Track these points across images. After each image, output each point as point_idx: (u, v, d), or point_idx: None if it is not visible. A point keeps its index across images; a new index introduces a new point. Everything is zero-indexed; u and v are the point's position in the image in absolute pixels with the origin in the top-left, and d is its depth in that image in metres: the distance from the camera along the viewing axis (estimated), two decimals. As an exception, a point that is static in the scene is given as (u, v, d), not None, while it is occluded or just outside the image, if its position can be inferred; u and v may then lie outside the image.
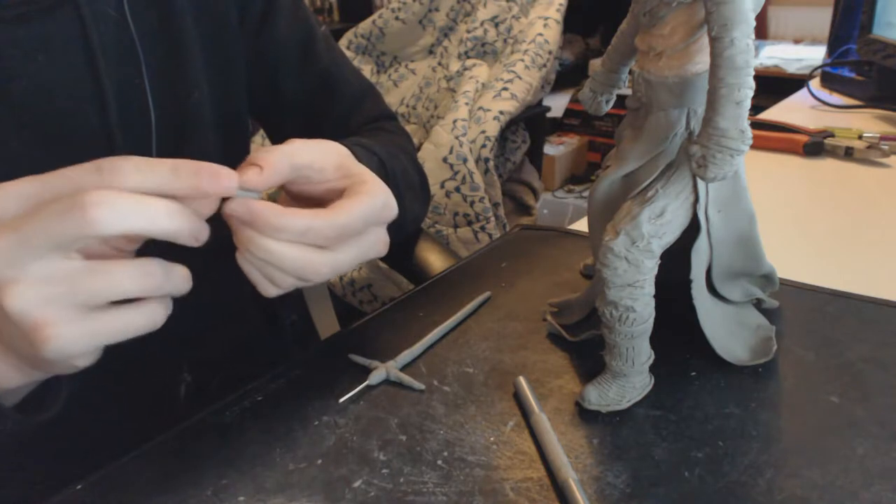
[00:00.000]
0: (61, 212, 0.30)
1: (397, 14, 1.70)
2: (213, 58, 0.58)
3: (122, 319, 0.33)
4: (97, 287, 0.31)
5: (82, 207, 0.29)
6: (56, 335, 0.31)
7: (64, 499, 0.37)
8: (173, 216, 0.32)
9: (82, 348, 0.32)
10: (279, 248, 0.36)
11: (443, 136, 1.39)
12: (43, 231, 0.30)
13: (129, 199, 0.31)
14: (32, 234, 0.30)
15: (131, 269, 0.32)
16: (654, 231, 0.37)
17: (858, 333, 0.45)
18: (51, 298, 0.31)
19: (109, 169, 0.31)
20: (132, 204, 0.31)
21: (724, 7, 0.32)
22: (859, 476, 0.34)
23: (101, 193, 0.30)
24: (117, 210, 0.30)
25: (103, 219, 0.30)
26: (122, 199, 0.30)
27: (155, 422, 0.43)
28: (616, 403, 0.40)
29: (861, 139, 0.87)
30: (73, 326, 0.31)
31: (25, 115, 0.47)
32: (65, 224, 0.30)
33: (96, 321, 0.32)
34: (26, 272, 0.30)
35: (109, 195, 0.30)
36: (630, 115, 0.42)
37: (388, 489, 0.36)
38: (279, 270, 0.37)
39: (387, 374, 0.44)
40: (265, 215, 0.35)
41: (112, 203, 0.30)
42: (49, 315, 0.31)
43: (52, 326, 0.31)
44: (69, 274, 0.31)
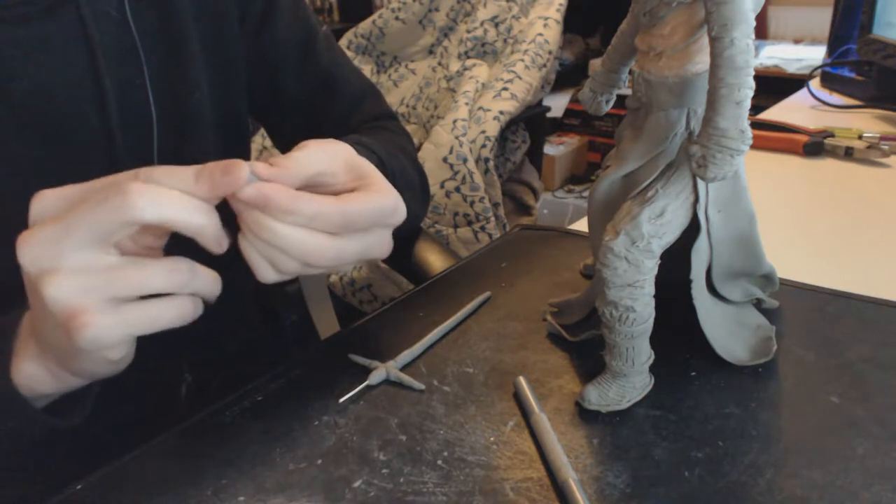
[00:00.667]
0: (104, 200, 0.32)
1: (397, 14, 1.70)
2: (214, 58, 0.58)
3: (152, 311, 0.35)
4: (131, 280, 0.33)
5: (125, 193, 0.32)
6: (91, 323, 0.32)
7: (64, 499, 0.37)
8: (205, 212, 0.34)
9: (116, 338, 0.34)
10: (287, 230, 0.36)
11: (443, 136, 1.39)
12: (86, 220, 0.32)
13: (168, 191, 0.33)
14: (76, 223, 0.32)
15: (162, 264, 0.34)
16: (654, 231, 0.37)
17: (858, 333, 0.45)
18: (88, 289, 0.32)
19: (146, 173, 0.33)
20: (171, 195, 0.33)
21: (724, 7, 0.32)
22: (859, 476, 0.34)
23: (142, 185, 0.32)
24: (157, 199, 0.32)
25: (144, 206, 0.32)
26: (162, 191, 0.33)
27: (155, 422, 0.43)
28: (616, 403, 0.40)
29: (861, 139, 0.87)
30: (108, 316, 0.33)
31: (26, 115, 0.47)
32: (108, 210, 0.32)
33: (129, 312, 0.34)
34: (67, 263, 0.32)
35: (149, 186, 0.32)
36: (630, 115, 0.42)
37: (388, 489, 0.36)
38: (284, 254, 0.37)
39: (387, 374, 0.44)
40: (277, 198, 0.35)
41: (152, 193, 0.32)
42: (85, 304, 0.32)
43: (88, 315, 0.32)
44: (106, 267, 0.33)
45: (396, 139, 0.69)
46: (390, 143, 0.65)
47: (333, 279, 1.46)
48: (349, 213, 0.38)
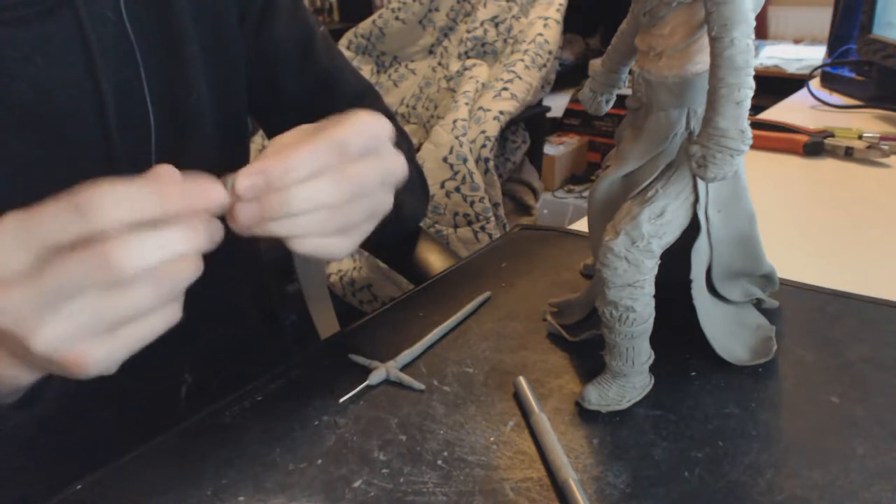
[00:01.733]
0: (87, 270, 0.30)
1: (397, 14, 1.70)
2: (213, 58, 0.58)
3: (145, 327, 0.33)
4: (121, 310, 0.32)
5: (110, 263, 0.30)
6: (92, 364, 0.32)
7: (64, 499, 0.37)
8: (189, 239, 0.32)
9: (115, 363, 0.33)
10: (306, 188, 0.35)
11: (443, 136, 1.39)
12: (67, 286, 0.30)
13: (148, 240, 0.31)
14: (55, 290, 0.30)
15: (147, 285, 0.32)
16: (654, 231, 0.37)
17: (858, 333, 0.45)
18: (79, 331, 0.31)
19: (89, 208, 0.30)
20: (152, 244, 0.31)
21: (724, 7, 0.32)
22: (859, 476, 0.34)
23: (121, 244, 0.30)
24: (142, 254, 0.31)
25: (132, 266, 0.30)
26: (142, 243, 0.31)
27: (156, 422, 0.43)
28: (616, 403, 0.40)
29: (861, 139, 0.87)
30: (104, 348, 0.32)
31: (25, 116, 0.47)
32: (95, 279, 0.30)
33: (123, 335, 0.33)
34: (51, 318, 0.31)
35: (129, 243, 0.30)
36: (630, 115, 0.42)
37: (388, 489, 0.36)
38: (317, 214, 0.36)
39: (387, 374, 0.44)
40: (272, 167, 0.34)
41: (135, 250, 0.30)
42: (81, 348, 0.31)
43: (87, 356, 0.31)
44: (91, 304, 0.31)
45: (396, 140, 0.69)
46: None
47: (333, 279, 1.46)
48: (336, 137, 0.36)
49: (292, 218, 0.36)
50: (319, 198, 0.36)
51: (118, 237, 0.30)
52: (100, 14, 0.49)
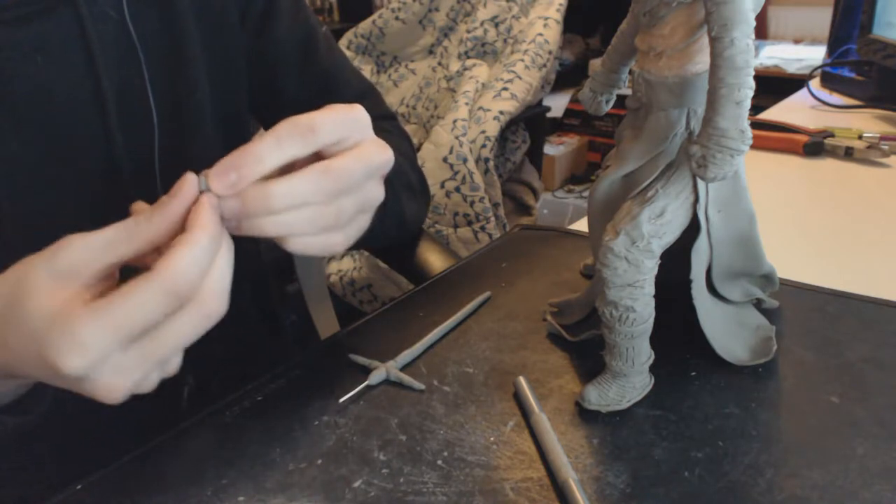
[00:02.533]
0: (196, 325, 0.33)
1: (397, 14, 1.70)
2: (214, 58, 0.58)
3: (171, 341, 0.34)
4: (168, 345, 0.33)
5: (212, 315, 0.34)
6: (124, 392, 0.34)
7: (64, 499, 0.37)
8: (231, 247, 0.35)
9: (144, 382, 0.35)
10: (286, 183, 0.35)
11: (443, 136, 1.39)
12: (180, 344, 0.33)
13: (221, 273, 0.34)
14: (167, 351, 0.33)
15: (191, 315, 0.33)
16: (654, 231, 0.37)
17: (858, 333, 0.45)
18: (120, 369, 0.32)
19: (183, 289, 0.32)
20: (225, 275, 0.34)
21: (724, 7, 0.32)
22: (859, 476, 0.34)
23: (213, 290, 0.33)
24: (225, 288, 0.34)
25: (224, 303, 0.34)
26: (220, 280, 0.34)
27: (157, 425, 0.42)
28: (616, 403, 0.40)
29: (861, 139, 0.87)
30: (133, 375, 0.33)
31: (25, 116, 0.47)
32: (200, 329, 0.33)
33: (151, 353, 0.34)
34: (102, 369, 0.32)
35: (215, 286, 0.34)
36: (630, 115, 0.42)
37: (388, 489, 0.36)
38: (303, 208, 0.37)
39: (387, 374, 0.44)
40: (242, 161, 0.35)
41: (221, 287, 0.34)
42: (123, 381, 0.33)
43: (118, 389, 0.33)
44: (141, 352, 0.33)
45: (394, 140, 0.69)
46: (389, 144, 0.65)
47: (333, 279, 1.46)
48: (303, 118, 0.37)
49: (278, 215, 0.36)
50: (300, 193, 0.36)
51: (208, 286, 0.33)
52: (100, 13, 0.49)
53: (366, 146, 0.39)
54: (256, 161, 0.35)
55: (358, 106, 0.40)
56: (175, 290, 0.31)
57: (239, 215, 0.35)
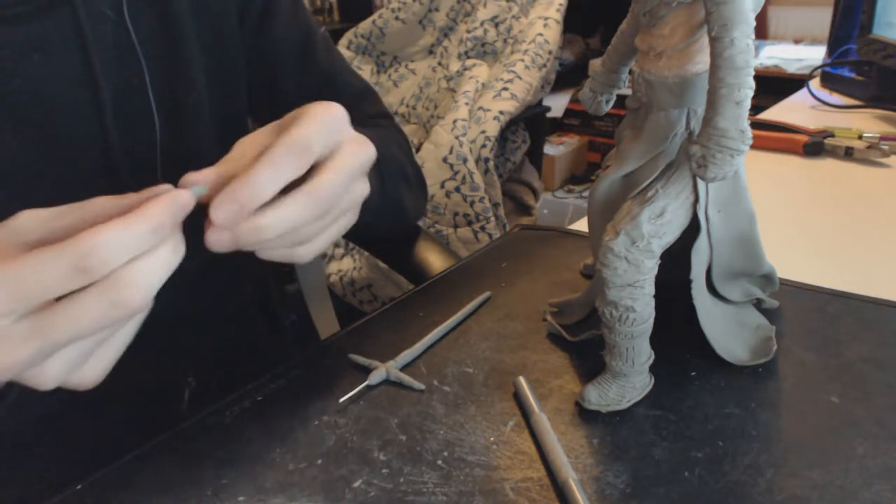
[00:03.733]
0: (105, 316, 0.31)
1: (397, 14, 1.70)
2: (213, 58, 0.58)
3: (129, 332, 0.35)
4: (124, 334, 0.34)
5: (126, 306, 0.31)
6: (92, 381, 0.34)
7: (64, 499, 0.37)
8: (178, 250, 0.34)
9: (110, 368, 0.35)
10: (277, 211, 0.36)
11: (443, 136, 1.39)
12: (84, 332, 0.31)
13: (150, 271, 0.32)
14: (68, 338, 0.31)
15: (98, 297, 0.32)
16: (654, 231, 0.37)
17: (858, 333, 0.45)
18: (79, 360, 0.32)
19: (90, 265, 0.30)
20: (155, 272, 0.32)
21: (724, 7, 0.32)
22: (859, 476, 0.34)
23: (130, 284, 0.31)
24: (150, 286, 0.31)
25: (144, 299, 0.31)
26: (149, 273, 0.31)
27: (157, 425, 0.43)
28: (616, 403, 0.40)
29: (861, 139, 0.87)
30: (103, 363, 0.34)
31: (23, 115, 0.47)
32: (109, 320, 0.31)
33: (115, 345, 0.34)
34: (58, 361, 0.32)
35: (138, 278, 0.31)
36: (630, 115, 0.42)
37: (388, 489, 0.36)
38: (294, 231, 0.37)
39: (387, 374, 0.44)
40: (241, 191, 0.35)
41: (145, 283, 0.31)
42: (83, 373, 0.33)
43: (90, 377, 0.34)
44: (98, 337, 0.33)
45: (391, 134, 0.69)
46: (383, 136, 0.65)
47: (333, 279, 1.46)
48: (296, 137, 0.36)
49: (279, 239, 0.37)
50: (290, 220, 0.36)
51: (126, 275, 0.31)
52: (98, 12, 0.49)
53: (346, 151, 0.39)
54: (257, 193, 0.35)
55: (334, 104, 0.40)
56: (83, 265, 0.30)
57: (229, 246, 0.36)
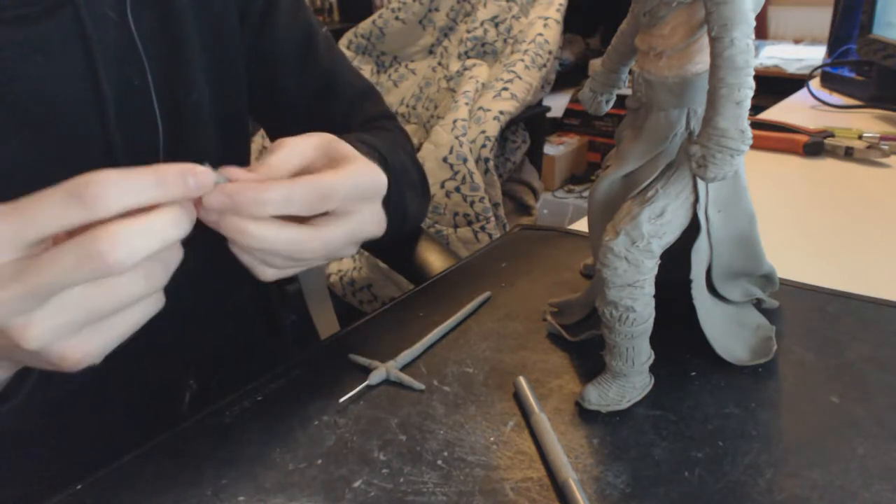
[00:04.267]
0: (77, 263, 0.29)
1: (397, 14, 1.70)
2: (214, 58, 0.58)
3: (133, 318, 0.33)
4: (111, 303, 0.32)
5: (100, 257, 0.29)
6: (82, 358, 0.32)
7: (64, 499, 0.37)
8: (178, 224, 0.32)
9: (102, 355, 0.33)
10: (263, 230, 0.36)
11: (443, 136, 1.39)
12: (55, 280, 0.30)
13: (139, 230, 0.30)
14: (43, 284, 0.30)
15: (138, 277, 0.32)
16: (654, 231, 0.37)
17: (858, 333, 0.45)
18: (70, 325, 0.31)
19: (92, 197, 0.30)
20: (143, 234, 0.30)
21: (724, 7, 0.32)
22: (859, 476, 0.34)
23: (112, 236, 0.30)
24: (132, 246, 0.30)
25: (123, 259, 0.30)
26: (133, 234, 0.30)
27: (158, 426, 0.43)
28: (616, 403, 0.40)
29: (861, 139, 0.87)
30: (94, 342, 0.32)
31: (25, 116, 0.47)
32: (85, 273, 0.30)
33: (112, 328, 0.33)
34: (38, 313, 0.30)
35: (119, 236, 0.30)
36: (630, 115, 0.42)
37: (388, 489, 0.36)
38: (271, 254, 0.37)
39: (387, 374, 0.44)
40: (245, 195, 0.35)
41: (125, 243, 0.30)
42: (72, 344, 0.31)
43: (78, 352, 0.32)
44: (82, 298, 0.31)
45: (396, 138, 0.69)
46: (390, 141, 0.65)
47: (333, 279, 1.46)
48: (322, 187, 0.37)
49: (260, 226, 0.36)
50: (271, 246, 0.36)
51: (109, 228, 0.30)
52: (100, 13, 0.49)
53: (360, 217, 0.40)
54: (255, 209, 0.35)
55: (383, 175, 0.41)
56: (78, 191, 0.29)
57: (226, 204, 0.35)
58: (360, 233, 0.40)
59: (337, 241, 0.39)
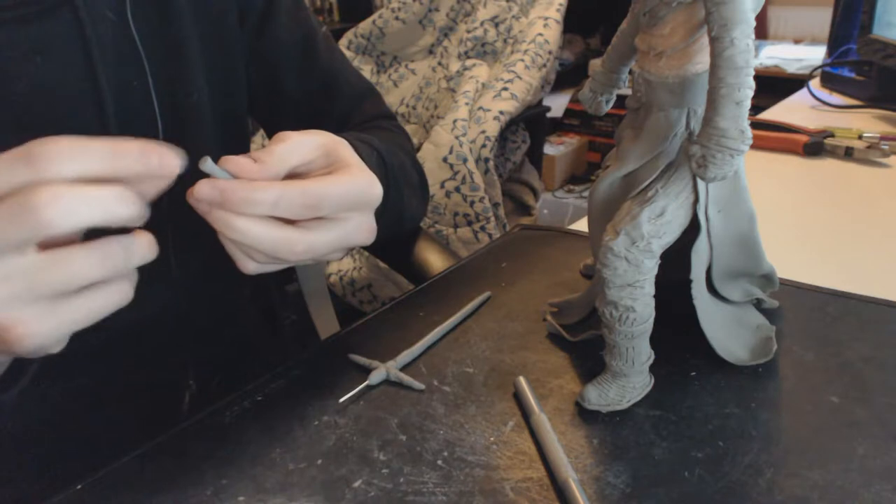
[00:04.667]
0: (11, 216, 0.28)
1: (397, 14, 1.70)
2: (213, 58, 0.58)
3: (90, 304, 0.32)
4: (59, 279, 0.30)
5: (34, 210, 0.28)
6: (29, 333, 0.30)
7: (64, 499, 0.37)
8: (126, 202, 0.31)
9: (56, 339, 0.32)
10: (249, 225, 0.36)
11: (443, 136, 1.39)
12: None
13: (80, 193, 0.29)
14: None
15: (91, 255, 0.31)
16: (654, 231, 0.37)
17: (858, 333, 0.45)
18: (13, 297, 0.30)
19: (40, 157, 0.29)
20: (84, 198, 0.29)
21: (724, 7, 0.32)
22: (859, 476, 0.34)
23: (51, 192, 0.28)
24: (70, 207, 0.29)
25: (57, 218, 0.29)
26: (73, 196, 0.29)
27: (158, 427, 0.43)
28: (616, 403, 0.40)
29: (861, 139, 0.87)
30: (45, 321, 0.30)
31: (24, 116, 0.47)
32: (17, 228, 0.29)
33: (65, 311, 0.31)
34: None
35: (58, 192, 0.29)
36: (630, 115, 0.42)
37: (388, 489, 0.36)
38: (255, 251, 0.38)
39: (387, 374, 0.44)
40: (235, 193, 0.35)
41: (63, 201, 0.29)
42: (15, 315, 0.30)
43: (24, 325, 0.30)
44: (27, 269, 0.30)
45: (395, 138, 0.69)
46: (389, 140, 0.65)
47: (333, 279, 1.46)
48: (313, 194, 0.37)
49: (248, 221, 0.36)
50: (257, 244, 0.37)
51: (49, 185, 0.29)
52: (100, 14, 0.49)
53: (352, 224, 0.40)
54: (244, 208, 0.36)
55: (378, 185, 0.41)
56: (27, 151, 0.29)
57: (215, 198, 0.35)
58: (348, 240, 0.41)
59: (323, 246, 0.39)
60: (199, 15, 0.57)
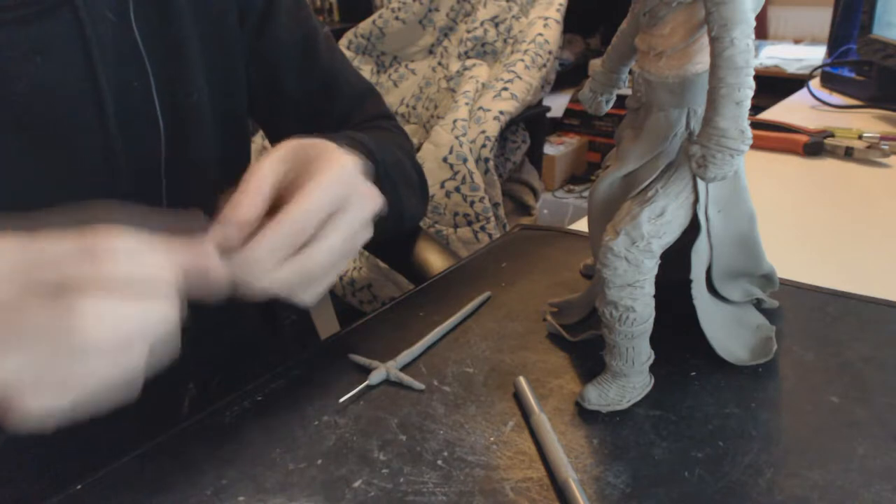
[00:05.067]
0: (52, 330, 0.29)
1: (397, 14, 1.70)
2: (213, 58, 0.58)
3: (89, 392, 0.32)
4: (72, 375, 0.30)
5: (80, 332, 0.29)
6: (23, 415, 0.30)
7: (64, 499, 0.37)
8: (168, 320, 0.32)
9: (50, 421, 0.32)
10: (278, 275, 0.36)
11: (443, 136, 1.39)
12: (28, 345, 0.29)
13: (126, 311, 0.30)
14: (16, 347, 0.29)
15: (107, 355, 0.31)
16: (654, 231, 0.37)
17: (858, 333, 0.45)
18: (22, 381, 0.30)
19: (103, 257, 0.30)
20: (129, 317, 0.30)
21: (724, 7, 0.32)
22: (859, 476, 0.34)
23: (96, 309, 0.29)
24: (113, 326, 0.30)
25: (99, 337, 0.29)
26: (118, 316, 0.30)
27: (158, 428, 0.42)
28: (616, 403, 0.40)
29: (861, 139, 0.87)
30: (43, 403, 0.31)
31: (24, 116, 0.47)
32: (57, 341, 0.29)
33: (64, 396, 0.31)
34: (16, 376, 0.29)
35: (105, 311, 0.29)
36: (630, 115, 0.42)
37: (388, 489, 0.36)
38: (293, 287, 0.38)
39: (387, 374, 0.44)
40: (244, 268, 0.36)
41: (108, 321, 0.30)
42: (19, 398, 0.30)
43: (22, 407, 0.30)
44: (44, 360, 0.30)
45: (394, 137, 0.69)
46: (386, 139, 0.65)
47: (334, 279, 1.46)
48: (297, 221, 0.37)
49: None
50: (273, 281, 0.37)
51: (93, 296, 0.29)
52: (100, 14, 0.49)
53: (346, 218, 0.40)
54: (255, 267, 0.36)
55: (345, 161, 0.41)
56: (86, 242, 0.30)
57: None
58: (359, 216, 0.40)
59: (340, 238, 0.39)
60: (199, 15, 0.57)
